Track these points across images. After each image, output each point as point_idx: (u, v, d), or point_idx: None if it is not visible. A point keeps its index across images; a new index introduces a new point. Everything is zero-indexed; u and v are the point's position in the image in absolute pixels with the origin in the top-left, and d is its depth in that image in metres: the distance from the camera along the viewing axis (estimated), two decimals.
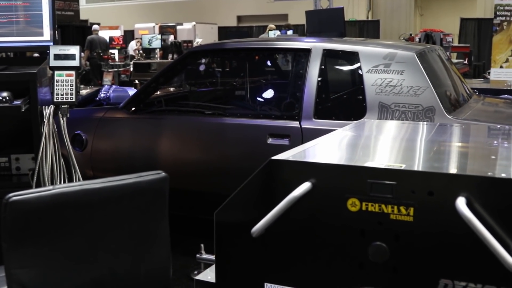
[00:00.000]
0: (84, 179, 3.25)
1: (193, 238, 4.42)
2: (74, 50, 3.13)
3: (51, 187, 1.81)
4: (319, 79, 3.77)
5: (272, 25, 13.71)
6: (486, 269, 1.55)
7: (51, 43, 3.25)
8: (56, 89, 3.12)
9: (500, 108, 4.52)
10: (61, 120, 3.19)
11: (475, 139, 2.47)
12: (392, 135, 2.47)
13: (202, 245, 2.48)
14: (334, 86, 4.17)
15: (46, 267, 1.80)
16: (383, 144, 2.26)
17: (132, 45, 16.61)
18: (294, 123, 3.75)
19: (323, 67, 3.81)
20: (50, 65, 3.13)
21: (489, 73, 11.16)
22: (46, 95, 3.25)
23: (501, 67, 13.06)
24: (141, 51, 15.14)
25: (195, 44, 14.51)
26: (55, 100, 3.13)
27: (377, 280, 1.69)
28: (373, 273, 1.69)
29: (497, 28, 12.06)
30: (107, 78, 12.91)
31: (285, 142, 3.71)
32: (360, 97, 3.65)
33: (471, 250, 1.56)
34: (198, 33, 18.89)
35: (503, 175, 1.56)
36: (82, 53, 3.77)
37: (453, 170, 1.69)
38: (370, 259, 1.68)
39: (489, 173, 1.58)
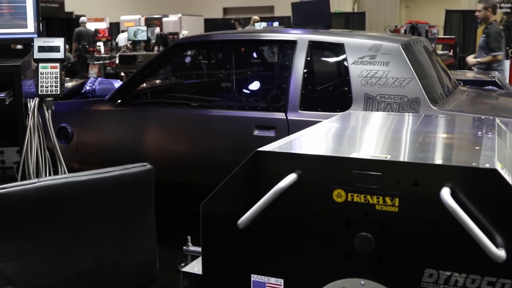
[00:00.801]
0: (70, 172, 3.24)
1: (180, 231, 4.41)
2: (59, 42, 3.11)
3: (36, 180, 1.80)
4: (305, 70, 3.77)
5: (256, 17, 13.68)
6: (471, 258, 1.57)
7: (35, 35, 3.22)
8: (41, 81, 3.10)
9: (485, 99, 4.54)
10: (46, 113, 3.17)
11: (459, 130, 2.48)
12: (377, 126, 2.47)
13: (189, 237, 2.48)
14: (320, 77, 4.17)
15: (32, 260, 1.79)
16: (368, 136, 2.27)
17: (121, 37, 16.49)
18: (280, 115, 3.75)
19: (308, 58, 3.81)
20: (35, 57, 3.11)
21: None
22: (31, 88, 3.23)
23: None
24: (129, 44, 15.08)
25: (181, 36, 14.46)
26: (39, 93, 3.11)
27: (363, 270, 1.70)
28: (359, 263, 1.70)
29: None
30: (93, 71, 12.84)
31: (271, 134, 3.71)
32: (346, 88, 3.66)
33: (456, 240, 1.58)
34: (184, 25, 18.81)
35: (487, 165, 1.57)
36: (66, 46, 3.74)
37: (437, 160, 1.70)
38: (356, 249, 1.69)
39: (474, 164, 1.59)
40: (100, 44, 14.70)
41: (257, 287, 1.85)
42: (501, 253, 1.50)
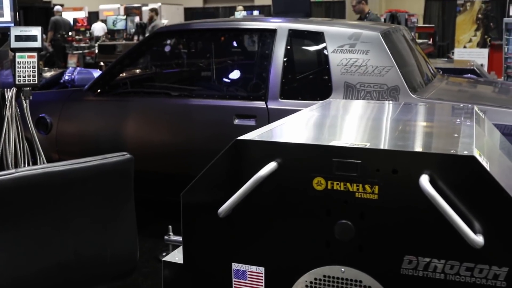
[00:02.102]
0: (49, 162, 3.21)
1: (161, 220, 4.41)
2: (36, 31, 3.08)
3: (13, 170, 1.78)
4: (285, 59, 3.77)
5: (240, 7, 13.71)
6: (449, 245, 1.58)
7: (12, 24, 3.18)
8: (18, 71, 3.07)
9: (464, 87, 4.58)
10: (24, 103, 3.14)
11: (438, 118, 2.50)
12: (357, 114, 2.48)
13: (170, 227, 2.48)
14: (300, 66, 4.17)
15: (11, 251, 1.78)
16: (348, 124, 2.27)
17: (96, 27, 16.33)
18: (261, 104, 3.75)
19: (288, 47, 3.81)
20: (11, 46, 3.07)
21: (453, 53, 11.29)
22: (8, 78, 3.20)
23: (464, 47, 13.25)
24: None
25: (160, 25, 14.37)
26: (17, 82, 3.08)
27: (343, 258, 1.71)
28: (339, 251, 1.71)
29: (461, 8, 12.20)
30: (72, 61, 12.74)
31: (252, 122, 3.71)
32: (326, 77, 3.67)
33: (435, 227, 1.59)
34: (163, 14, 18.70)
35: (465, 152, 1.58)
36: (44, 35, 3.71)
37: (416, 148, 1.71)
38: (336, 237, 1.70)
39: (452, 151, 1.60)
40: (80, 35, 14.57)
41: (238, 275, 1.85)
42: (479, 239, 1.51)
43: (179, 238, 2.21)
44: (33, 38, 3.05)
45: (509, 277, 1.54)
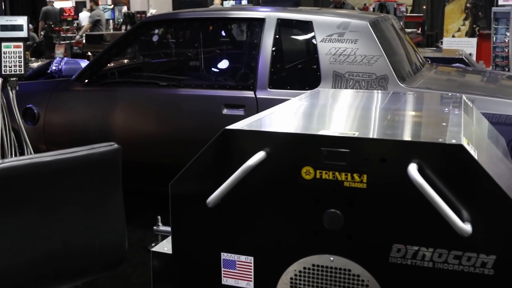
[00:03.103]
0: (36, 153, 3.20)
1: (150, 211, 4.40)
2: (22, 20, 3.05)
3: (0, 161, 1.77)
4: (274, 48, 3.76)
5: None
6: (438, 233, 1.59)
7: None
8: (4, 61, 3.05)
9: (452, 76, 4.59)
10: (10, 93, 3.12)
11: (427, 107, 2.50)
12: (346, 103, 2.48)
13: (159, 217, 2.47)
14: (288, 55, 4.17)
15: None
16: (337, 113, 2.27)
17: (83, 17, 16.19)
18: (249, 93, 3.74)
19: (277, 36, 3.80)
20: None
21: (441, 42, 11.32)
22: None
23: (453, 36, 13.27)
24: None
25: (148, 14, 14.27)
26: (3, 73, 3.06)
27: (332, 247, 1.71)
28: (328, 240, 1.71)
29: None
30: (59, 51, 12.64)
31: (240, 112, 3.70)
32: (315, 66, 3.66)
33: (423, 215, 1.59)
34: (151, 3, 18.59)
35: (453, 141, 1.58)
36: (30, 25, 3.67)
37: (404, 137, 1.71)
38: (325, 226, 1.70)
39: (440, 139, 1.61)
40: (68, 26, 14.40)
41: (227, 265, 1.85)
42: (467, 227, 1.52)
43: (168, 229, 2.20)
44: (19, 27, 3.03)
45: (496, 265, 1.55)
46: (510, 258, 1.54)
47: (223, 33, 5.26)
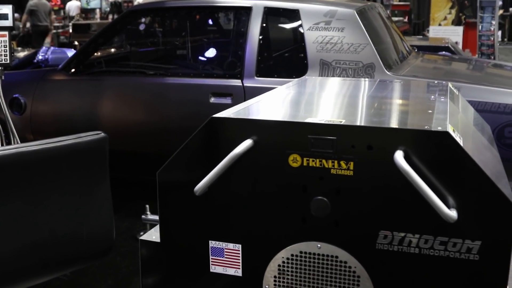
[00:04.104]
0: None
1: (139, 200, 4.41)
2: (7, 9, 3.03)
3: None
4: (261, 37, 3.76)
5: None
6: (424, 219, 1.60)
7: None
8: None
9: (438, 64, 4.61)
10: None
11: (413, 94, 2.51)
12: (333, 91, 2.49)
13: (147, 206, 2.48)
14: (275, 44, 4.17)
15: None
16: (324, 101, 2.28)
17: (72, 6, 16.05)
18: (237, 82, 3.74)
19: (264, 25, 3.80)
20: None
21: (428, 30, 11.35)
22: None
23: (439, 24, 13.31)
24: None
25: (135, 3, 14.18)
26: None
27: (319, 234, 1.72)
28: (315, 227, 1.72)
29: None
30: (46, 40, 12.56)
31: (228, 101, 3.70)
32: (302, 54, 3.67)
33: (409, 202, 1.61)
34: None
35: (439, 128, 1.59)
36: (16, 14, 3.63)
37: (391, 124, 1.72)
38: (313, 213, 1.71)
39: (426, 127, 1.62)
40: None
41: (216, 252, 1.86)
42: (453, 213, 1.53)
43: (156, 217, 2.21)
44: (4, 16, 3.01)
45: (481, 251, 1.57)
46: (495, 244, 1.55)
47: (210, 22, 5.25)
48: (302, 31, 3.69)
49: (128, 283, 3.27)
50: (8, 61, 3.06)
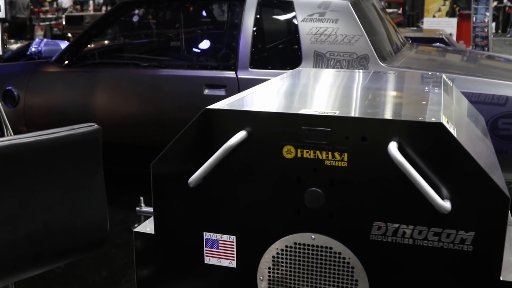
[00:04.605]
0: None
1: (133, 192, 4.40)
2: None
3: None
4: (255, 28, 3.76)
5: None
6: (418, 211, 1.60)
7: None
8: None
9: (432, 56, 4.61)
10: None
11: (407, 86, 2.51)
12: (327, 83, 2.48)
13: (141, 198, 2.47)
14: (269, 35, 4.17)
15: None
16: (318, 92, 2.27)
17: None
18: (230, 73, 3.74)
19: (258, 16, 3.79)
20: None
21: (422, 22, 11.35)
22: None
23: (433, 16, 13.31)
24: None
25: None
26: None
27: (313, 225, 1.72)
28: (309, 218, 1.72)
29: None
30: (39, 33, 12.51)
31: (222, 92, 3.70)
32: (296, 46, 3.66)
33: (403, 193, 1.61)
34: None
35: (433, 119, 1.59)
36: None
37: (385, 115, 1.72)
38: (307, 205, 1.71)
39: (420, 118, 1.62)
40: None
41: (210, 244, 1.86)
42: (447, 204, 1.53)
43: (151, 209, 2.20)
44: None
45: (475, 241, 1.57)
46: (488, 235, 1.56)
47: (204, 13, 5.24)
48: (296, 22, 3.68)
49: (123, 274, 3.27)
50: (0, 53, 3.05)
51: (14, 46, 5.75)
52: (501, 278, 1.58)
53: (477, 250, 1.58)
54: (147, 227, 2.00)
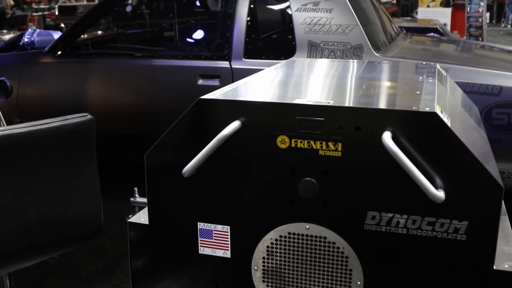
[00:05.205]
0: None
1: (127, 183, 4.40)
2: None
3: None
4: (248, 18, 3.75)
5: None
6: (412, 200, 1.61)
7: None
8: None
9: (427, 46, 4.61)
10: None
11: (401, 75, 2.51)
12: (321, 73, 2.48)
13: (135, 188, 2.47)
14: (263, 25, 4.15)
15: None
16: (312, 82, 2.27)
17: None
18: (224, 64, 3.73)
19: (252, 6, 3.78)
20: None
21: (416, 12, 11.34)
22: None
23: (428, 6, 13.30)
24: None
25: None
26: None
27: (307, 215, 1.72)
28: (304, 208, 1.72)
29: None
30: (32, 23, 12.44)
31: (216, 82, 3.69)
32: (290, 36, 3.66)
33: (397, 183, 1.61)
34: None
35: (427, 109, 1.59)
36: None
37: (379, 105, 1.71)
38: (301, 194, 1.71)
39: (414, 107, 1.62)
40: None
41: (204, 234, 1.86)
42: (440, 194, 1.54)
43: (145, 200, 2.20)
44: None
45: (469, 231, 1.57)
46: (482, 224, 1.56)
47: (198, 3, 5.22)
48: (290, 12, 3.67)
49: (117, 265, 3.27)
50: None
51: (7, 36, 5.71)
52: (494, 267, 1.59)
53: (470, 240, 1.58)
54: (141, 217, 1.99)
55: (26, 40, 4.78)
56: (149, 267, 1.96)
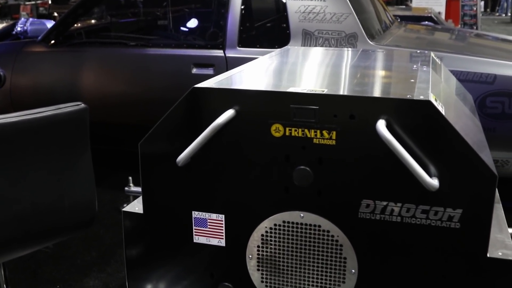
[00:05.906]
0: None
1: (121, 172, 4.40)
2: None
3: None
4: (243, 7, 3.73)
5: None
6: (406, 188, 1.61)
7: None
8: None
9: (421, 34, 4.60)
10: None
11: (396, 64, 2.51)
12: (316, 61, 2.48)
13: (130, 178, 2.47)
14: (257, 14, 4.13)
15: None
16: (307, 71, 2.27)
17: None
18: (219, 52, 3.72)
19: None
20: None
21: (411, 0, 11.31)
22: None
23: None
24: None
25: None
26: None
27: (302, 203, 1.73)
28: (298, 196, 1.72)
29: None
30: (25, 12, 12.38)
31: (210, 71, 3.68)
32: (284, 24, 3.65)
33: (392, 171, 1.61)
34: None
35: (421, 97, 1.59)
36: None
37: (373, 93, 1.71)
38: (295, 183, 1.71)
39: (408, 96, 1.62)
40: None
41: (199, 223, 1.86)
42: (434, 182, 1.54)
43: (139, 189, 2.20)
44: None
45: (462, 219, 1.58)
46: (475, 212, 1.57)
47: None
48: (284, 0, 3.66)
49: (112, 254, 3.27)
50: None
51: (0, 26, 5.68)
52: (488, 255, 1.60)
53: (464, 227, 1.59)
54: (136, 206, 1.99)
55: (19, 29, 4.75)
56: (144, 256, 1.96)
